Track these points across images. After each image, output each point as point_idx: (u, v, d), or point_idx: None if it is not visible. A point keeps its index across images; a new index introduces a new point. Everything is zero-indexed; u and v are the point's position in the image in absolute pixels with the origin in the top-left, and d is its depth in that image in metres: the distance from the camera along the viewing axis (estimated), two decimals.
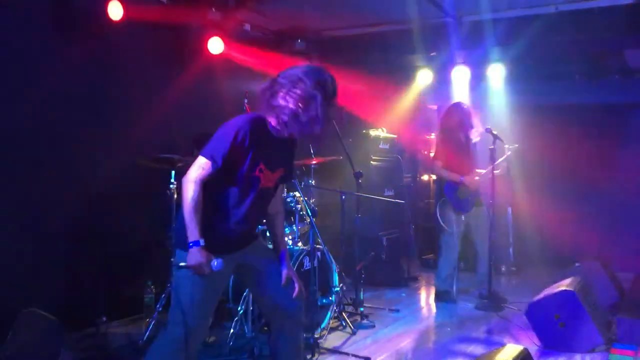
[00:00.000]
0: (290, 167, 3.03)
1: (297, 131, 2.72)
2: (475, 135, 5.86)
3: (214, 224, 2.71)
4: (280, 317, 2.96)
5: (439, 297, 5.92)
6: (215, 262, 2.62)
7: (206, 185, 2.64)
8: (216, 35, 5.49)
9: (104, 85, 4.84)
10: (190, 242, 2.60)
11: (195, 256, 2.59)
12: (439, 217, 5.80)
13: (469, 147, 5.88)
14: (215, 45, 5.49)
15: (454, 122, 5.81)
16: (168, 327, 2.74)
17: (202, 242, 2.60)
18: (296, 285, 2.96)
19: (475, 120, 5.85)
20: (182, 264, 2.64)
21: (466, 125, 5.79)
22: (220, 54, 5.61)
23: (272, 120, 2.76)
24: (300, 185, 4.68)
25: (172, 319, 2.71)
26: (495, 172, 5.65)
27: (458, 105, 5.91)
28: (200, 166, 2.63)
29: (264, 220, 3.16)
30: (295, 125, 2.68)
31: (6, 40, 4.18)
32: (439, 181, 5.94)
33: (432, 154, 6.37)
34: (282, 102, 2.66)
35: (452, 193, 5.74)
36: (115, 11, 4.52)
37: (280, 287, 2.93)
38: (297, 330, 3.03)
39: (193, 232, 2.60)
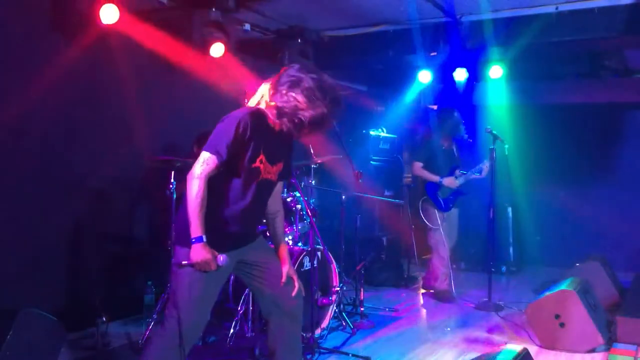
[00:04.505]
0: (289, 160, 3.03)
1: (292, 128, 2.73)
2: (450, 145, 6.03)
3: (216, 220, 2.71)
4: (278, 315, 2.97)
5: (439, 297, 5.93)
6: (221, 258, 2.62)
7: (209, 181, 2.65)
8: (216, 35, 5.48)
9: (103, 86, 4.84)
10: (194, 238, 2.60)
11: (199, 252, 2.59)
12: (422, 215, 5.92)
13: (452, 152, 6.03)
14: (217, 48, 5.46)
15: (439, 127, 5.98)
16: (165, 322, 2.73)
17: (204, 238, 2.60)
18: (296, 284, 2.98)
19: (462, 128, 6.04)
20: (184, 262, 2.63)
21: (450, 134, 5.96)
22: (221, 55, 5.60)
23: (271, 115, 2.78)
24: (300, 185, 4.68)
25: (169, 314, 2.71)
26: (475, 175, 5.85)
27: (446, 111, 6.07)
28: (204, 161, 2.64)
29: (264, 220, 3.17)
30: (292, 123, 2.70)
31: (6, 40, 4.18)
32: (422, 181, 6.05)
33: (413, 154, 6.49)
34: (283, 98, 2.68)
35: (433, 192, 5.88)
36: (113, 13, 4.51)
37: (279, 285, 2.94)
38: (296, 328, 3.04)
39: (197, 228, 2.60)
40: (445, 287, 5.92)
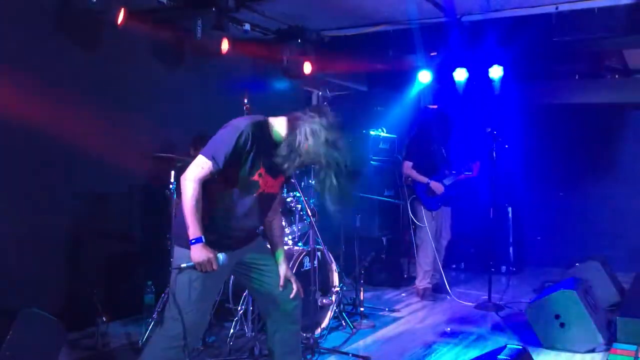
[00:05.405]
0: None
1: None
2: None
3: (213, 224, 2.70)
4: (277, 316, 2.97)
5: (419, 295, 6.00)
6: (221, 256, 2.62)
7: (206, 186, 2.64)
8: (217, 35, 5.47)
9: (104, 86, 4.84)
10: (193, 239, 2.59)
11: (200, 252, 2.58)
12: (410, 213, 6.00)
13: (441, 152, 6.09)
14: (220, 46, 5.44)
15: (427, 127, 6.07)
16: (165, 323, 2.73)
17: (203, 238, 2.60)
18: (294, 286, 2.98)
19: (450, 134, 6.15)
20: (183, 265, 2.62)
21: (438, 133, 6.05)
22: (221, 54, 5.59)
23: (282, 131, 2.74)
24: (300, 185, 4.67)
25: (169, 315, 2.70)
26: (467, 173, 6.01)
27: (434, 111, 6.20)
28: (199, 165, 2.62)
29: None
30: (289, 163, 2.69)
31: (8, 40, 4.18)
32: (411, 180, 6.09)
33: (404, 154, 6.53)
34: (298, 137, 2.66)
35: (421, 191, 5.96)
36: (118, 14, 4.51)
37: (277, 286, 2.94)
38: (294, 329, 3.04)
39: (195, 230, 2.59)
40: (424, 285, 6.00)
